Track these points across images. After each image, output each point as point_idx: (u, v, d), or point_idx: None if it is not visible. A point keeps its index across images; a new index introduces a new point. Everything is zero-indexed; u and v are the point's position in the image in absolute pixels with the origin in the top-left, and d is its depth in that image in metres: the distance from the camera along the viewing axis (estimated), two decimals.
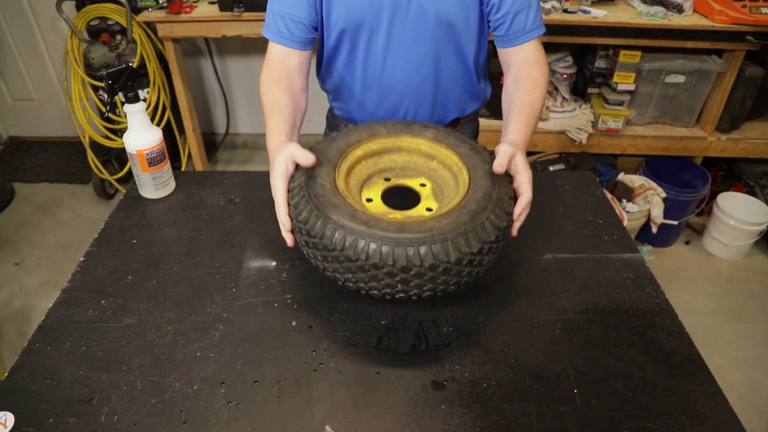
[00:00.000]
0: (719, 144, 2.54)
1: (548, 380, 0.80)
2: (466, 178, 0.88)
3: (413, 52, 1.11)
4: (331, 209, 0.78)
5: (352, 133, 0.95)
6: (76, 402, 0.76)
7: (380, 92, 1.18)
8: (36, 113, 3.40)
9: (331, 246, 0.76)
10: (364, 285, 0.79)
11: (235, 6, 2.27)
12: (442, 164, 0.95)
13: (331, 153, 0.89)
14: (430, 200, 0.93)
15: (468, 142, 0.94)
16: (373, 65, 1.14)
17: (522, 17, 1.07)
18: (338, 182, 0.86)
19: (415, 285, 0.77)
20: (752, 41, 2.17)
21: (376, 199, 0.92)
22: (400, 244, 0.74)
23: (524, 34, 1.09)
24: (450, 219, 0.78)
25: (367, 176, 0.95)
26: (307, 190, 0.82)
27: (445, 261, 0.75)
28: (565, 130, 2.52)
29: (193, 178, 1.26)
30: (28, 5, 2.95)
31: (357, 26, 1.08)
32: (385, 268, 0.74)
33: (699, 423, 0.75)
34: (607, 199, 1.22)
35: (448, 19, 1.06)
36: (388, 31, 1.08)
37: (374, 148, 0.95)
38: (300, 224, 0.81)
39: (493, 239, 0.79)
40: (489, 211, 0.80)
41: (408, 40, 1.09)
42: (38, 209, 2.89)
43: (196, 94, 3.11)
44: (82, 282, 0.97)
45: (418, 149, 0.96)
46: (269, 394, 0.78)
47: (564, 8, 2.26)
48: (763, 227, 2.46)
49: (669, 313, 0.93)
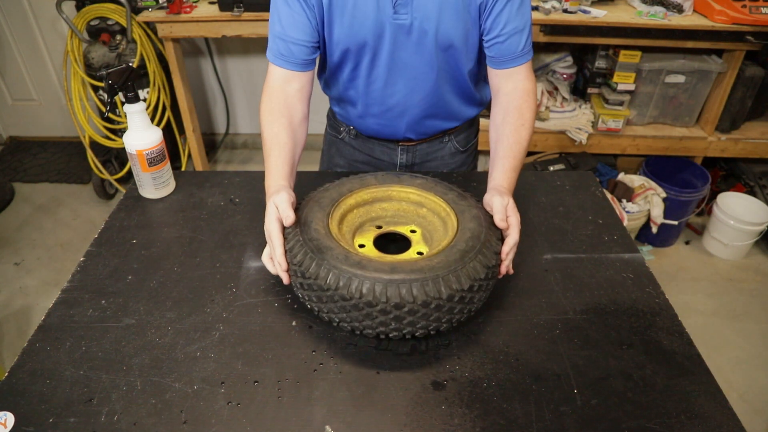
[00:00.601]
0: (719, 144, 2.54)
1: (548, 380, 0.80)
2: (454, 222, 0.92)
3: (415, 71, 1.11)
4: (325, 251, 0.81)
5: (344, 183, 0.99)
6: (76, 402, 0.76)
7: (382, 108, 1.19)
8: (36, 113, 3.40)
9: (326, 286, 0.79)
10: (359, 324, 0.81)
11: (235, 6, 2.27)
12: (431, 211, 0.99)
13: (324, 201, 0.94)
14: (420, 245, 0.96)
15: (455, 190, 0.99)
16: (375, 82, 1.14)
17: (515, 40, 1.05)
18: (332, 228, 0.89)
19: (408, 323, 0.79)
20: (752, 41, 2.17)
21: (368, 245, 0.95)
22: (393, 283, 0.76)
23: (515, 58, 1.07)
24: (440, 258, 0.81)
25: (359, 224, 0.99)
26: (301, 234, 0.85)
27: (437, 298, 0.77)
28: (565, 130, 2.52)
29: (193, 178, 1.26)
30: (28, 5, 2.96)
31: (360, 47, 1.08)
32: (378, 306, 0.77)
33: (699, 423, 0.75)
34: (607, 199, 1.22)
35: (449, 41, 1.06)
36: (391, 51, 1.08)
37: (365, 198, 0.99)
38: (295, 267, 0.83)
39: (482, 277, 0.81)
40: (477, 251, 0.83)
41: (410, 60, 1.10)
42: (38, 209, 2.89)
43: (196, 94, 3.12)
44: (82, 282, 0.97)
45: (408, 198, 1.01)
46: (269, 394, 0.78)
47: (564, 8, 2.26)
48: (763, 227, 2.46)
49: (669, 313, 0.93)
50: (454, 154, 1.35)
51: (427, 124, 1.24)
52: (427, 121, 1.23)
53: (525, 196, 1.22)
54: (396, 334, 0.81)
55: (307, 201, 0.94)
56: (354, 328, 0.82)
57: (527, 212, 1.17)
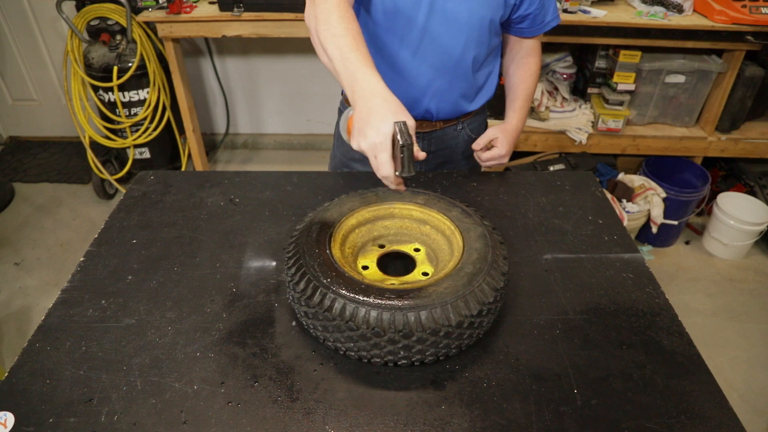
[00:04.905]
0: (719, 144, 2.54)
1: (548, 380, 0.80)
2: (459, 241, 0.90)
3: (445, 45, 1.15)
4: (329, 279, 0.79)
5: (344, 202, 0.97)
6: (76, 402, 0.76)
7: (406, 82, 1.21)
8: (36, 113, 3.40)
9: (332, 316, 0.77)
10: (366, 354, 0.79)
11: (235, 6, 2.27)
12: (434, 228, 0.97)
13: (325, 223, 0.92)
14: (425, 265, 0.95)
15: (458, 206, 0.97)
16: (407, 50, 1.16)
17: (540, 16, 1.23)
18: (334, 251, 0.87)
19: (417, 351, 0.78)
20: (752, 41, 2.17)
21: (372, 266, 0.94)
22: (401, 311, 0.75)
23: (542, 28, 1.26)
24: (448, 283, 0.79)
25: (361, 244, 0.97)
26: (304, 261, 0.83)
27: (446, 325, 0.76)
28: (565, 130, 2.52)
29: (193, 178, 1.26)
30: (28, 5, 2.96)
31: (395, 10, 1.10)
32: (386, 335, 0.75)
33: (699, 423, 0.75)
34: (607, 199, 1.22)
35: (480, 19, 1.13)
36: (425, 22, 1.12)
37: (367, 216, 0.97)
38: (298, 295, 0.81)
39: (491, 300, 0.80)
40: (485, 273, 0.81)
41: (442, 33, 1.13)
42: (38, 209, 2.89)
43: (196, 94, 3.12)
44: (82, 282, 0.97)
45: (410, 215, 0.99)
46: (269, 394, 0.78)
47: (564, 8, 2.26)
48: (763, 227, 2.46)
49: (669, 313, 0.93)
50: (468, 142, 1.38)
51: (447, 107, 1.28)
52: (447, 104, 1.27)
53: (525, 196, 1.22)
54: (405, 362, 0.80)
55: (308, 224, 0.92)
56: (361, 357, 0.81)
57: (527, 212, 1.17)
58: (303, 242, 0.87)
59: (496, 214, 1.15)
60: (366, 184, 1.21)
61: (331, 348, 0.84)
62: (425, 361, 0.81)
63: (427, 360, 0.81)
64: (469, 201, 1.18)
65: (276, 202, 1.18)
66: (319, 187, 1.23)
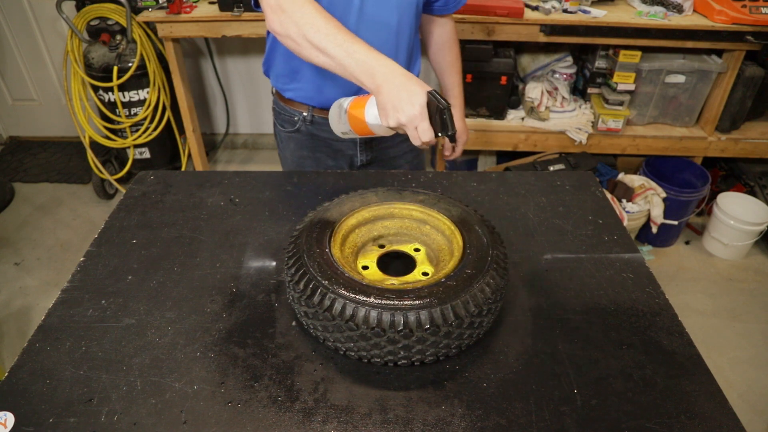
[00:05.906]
0: (719, 144, 2.54)
1: (548, 380, 0.80)
2: (459, 241, 0.90)
3: (382, 24, 1.16)
4: (329, 279, 0.79)
5: (344, 202, 0.97)
6: (76, 402, 0.76)
7: None
8: (36, 113, 3.41)
9: (332, 316, 0.77)
10: (366, 353, 0.79)
11: (235, 6, 2.27)
12: (434, 228, 0.97)
13: (325, 223, 0.92)
14: (425, 264, 0.95)
15: (458, 206, 0.97)
16: None
17: None
18: (334, 251, 0.87)
19: (417, 350, 0.78)
20: (752, 41, 2.17)
21: (372, 266, 0.94)
22: (401, 311, 0.75)
23: (458, 3, 1.33)
24: (448, 283, 0.80)
25: (361, 244, 0.97)
26: (304, 261, 0.83)
27: (446, 325, 0.76)
28: (565, 130, 2.52)
29: (193, 178, 1.26)
30: (28, 5, 2.96)
31: None
32: (386, 335, 0.75)
33: (699, 423, 0.75)
34: (607, 199, 1.22)
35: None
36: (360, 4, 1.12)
37: (367, 216, 0.97)
38: (298, 295, 0.81)
39: (491, 300, 0.80)
40: (485, 273, 0.82)
41: (377, 12, 1.14)
42: (38, 209, 2.89)
43: (196, 94, 3.12)
44: (82, 282, 0.97)
45: (410, 215, 0.99)
46: (269, 394, 0.78)
47: (564, 8, 2.26)
48: (763, 227, 2.46)
49: (669, 313, 0.93)
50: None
51: None
52: None
53: (525, 196, 1.22)
54: (405, 362, 0.80)
55: (308, 224, 0.92)
56: (361, 357, 0.81)
57: (527, 212, 1.17)
58: (303, 242, 0.87)
59: (496, 214, 1.15)
60: (366, 184, 1.22)
61: (331, 348, 0.84)
62: (425, 361, 0.81)
63: (427, 360, 0.81)
64: (469, 201, 1.18)
65: (276, 202, 1.18)
66: (319, 187, 1.23)
